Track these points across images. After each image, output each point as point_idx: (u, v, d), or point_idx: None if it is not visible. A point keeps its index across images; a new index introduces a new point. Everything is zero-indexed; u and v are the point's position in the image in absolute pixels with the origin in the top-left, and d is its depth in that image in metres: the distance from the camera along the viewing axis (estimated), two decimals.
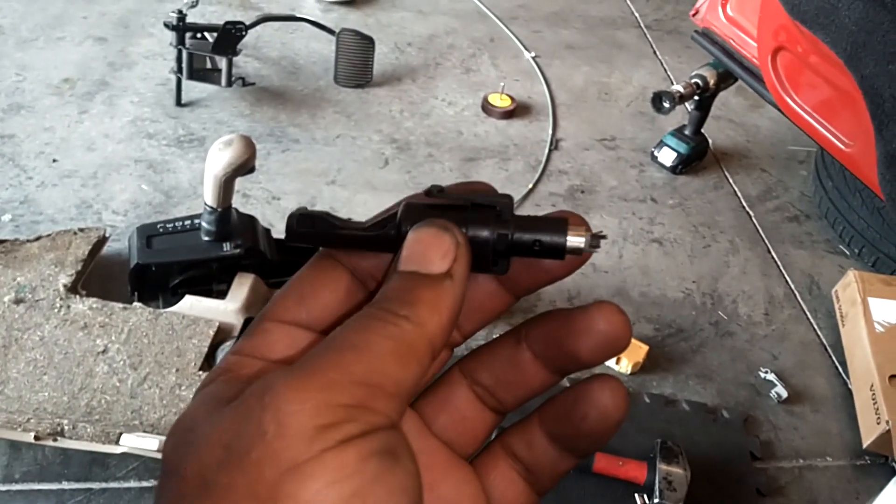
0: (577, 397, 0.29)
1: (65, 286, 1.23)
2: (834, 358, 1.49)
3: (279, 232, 1.48)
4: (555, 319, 0.29)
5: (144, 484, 1.09)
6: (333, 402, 0.22)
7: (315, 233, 0.28)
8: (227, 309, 1.24)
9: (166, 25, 1.74)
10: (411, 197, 0.29)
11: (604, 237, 0.28)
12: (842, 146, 1.28)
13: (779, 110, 1.45)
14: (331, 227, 0.28)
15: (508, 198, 0.28)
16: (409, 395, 0.24)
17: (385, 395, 0.23)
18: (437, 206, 0.28)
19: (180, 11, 1.72)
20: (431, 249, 0.26)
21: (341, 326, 0.25)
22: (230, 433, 0.22)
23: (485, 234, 0.27)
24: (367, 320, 0.25)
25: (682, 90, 1.74)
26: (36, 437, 1.05)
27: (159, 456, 1.07)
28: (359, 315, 0.25)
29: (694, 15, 1.70)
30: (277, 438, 0.21)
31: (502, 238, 0.27)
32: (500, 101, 2.00)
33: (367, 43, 1.97)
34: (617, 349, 0.28)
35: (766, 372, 1.43)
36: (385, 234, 0.28)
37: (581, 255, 0.28)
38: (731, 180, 1.93)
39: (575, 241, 0.27)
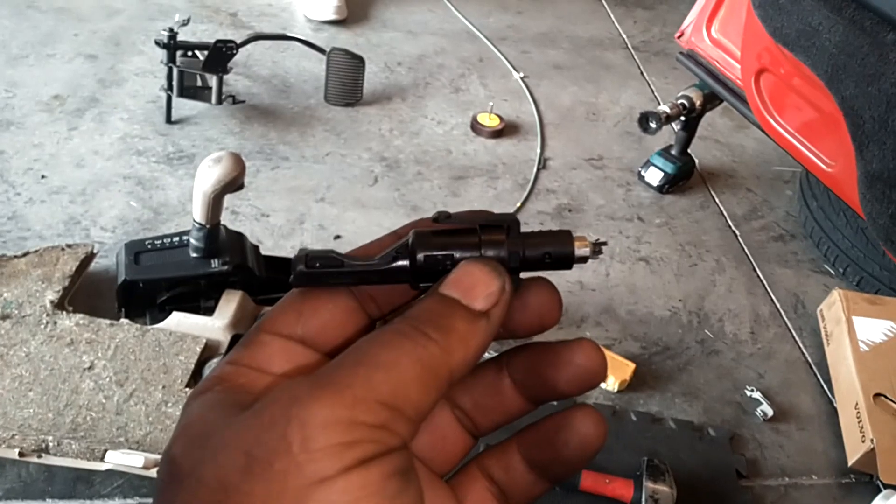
0: (561, 425, 0.30)
1: (52, 302, 1.22)
2: (819, 376, 1.50)
3: (268, 249, 1.48)
4: (537, 351, 0.30)
5: (129, 501, 1.08)
6: (359, 420, 0.23)
7: (325, 273, 0.28)
8: (214, 326, 1.24)
9: (157, 43, 1.75)
10: (417, 223, 0.30)
11: (605, 244, 0.29)
12: (824, 166, 1.30)
13: (762, 131, 1.47)
14: (340, 266, 0.28)
15: (513, 217, 0.29)
16: (423, 419, 0.25)
17: (405, 418, 0.24)
18: (447, 231, 0.28)
19: (171, 30, 1.73)
20: (479, 285, 0.27)
21: (369, 338, 0.25)
22: (251, 440, 0.23)
23: (500, 253, 0.28)
24: (398, 337, 0.25)
25: (668, 111, 1.76)
26: (20, 454, 1.05)
27: (145, 473, 1.06)
28: (388, 329, 0.26)
29: (679, 37, 1.72)
30: (302, 452, 0.22)
31: (514, 255, 0.28)
32: (489, 121, 2.02)
33: (357, 62, 1.99)
34: (593, 383, 0.30)
35: (752, 390, 1.44)
36: (398, 266, 0.28)
37: (585, 263, 0.29)
38: (717, 200, 1.95)
39: (581, 251, 0.29)
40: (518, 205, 1.79)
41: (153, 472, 1.06)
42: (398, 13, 2.52)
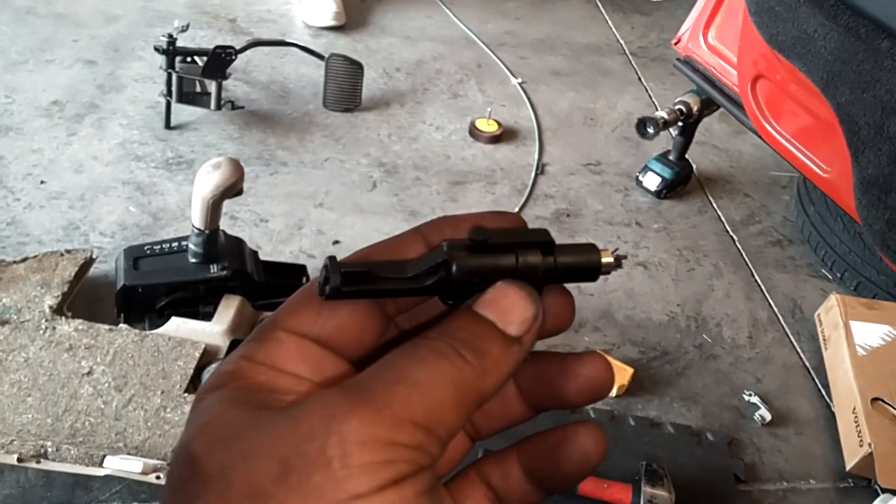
0: (563, 439, 0.30)
1: (51, 307, 1.22)
2: (817, 381, 1.51)
3: (266, 254, 1.49)
4: (545, 360, 0.31)
5: None
6: (396, 440, 0.23)
7: (362, 291, 0.27)
8: (213, 331, 1.24)
9: (156, 49, 1.75)
10: (441, 222, 0.30)
11: (625, 258, 0.31)
12: (820, 172, 1.31)
13: (759, 137, 1.47)
14: (374, 283, 0.27)
15: (549, 237, 0.30)
16: (452, 440, 0.25)
17: (438, 440, 0.24)
18: (483, 249, 0.28)
19: (170, 35, 1.74)
20: (515, 310, 0.27)
21: (406, 353, 0.25)
22: (287, 449, 0.23)
23: (537, 272, 0.29)
24: (435, 356, 0.25)
25: (666, 116, 1.76)
26: (19, 460, 1.05)
27: (143, 478, 1.06)
28: (424, 345, 0.26)
29: (676, 43, 1.73)
30: (342, 468, 0.22)
31: (548, 273, 0.29)
32: (487, 126, 2.03)
33: (355, 68, 1.99)
34: (600, 395, 0.31)
35: (750, 395, 1.44)
36: (437, 282, 0.28)
37: (609, 274, 0.31)
38: (714, 205, 1.96)
39: (607, 263, 0.30)
40: (516, 210, 1.80)
41: (152, 478, 1.06)
42: (396, 19, 2.53)
